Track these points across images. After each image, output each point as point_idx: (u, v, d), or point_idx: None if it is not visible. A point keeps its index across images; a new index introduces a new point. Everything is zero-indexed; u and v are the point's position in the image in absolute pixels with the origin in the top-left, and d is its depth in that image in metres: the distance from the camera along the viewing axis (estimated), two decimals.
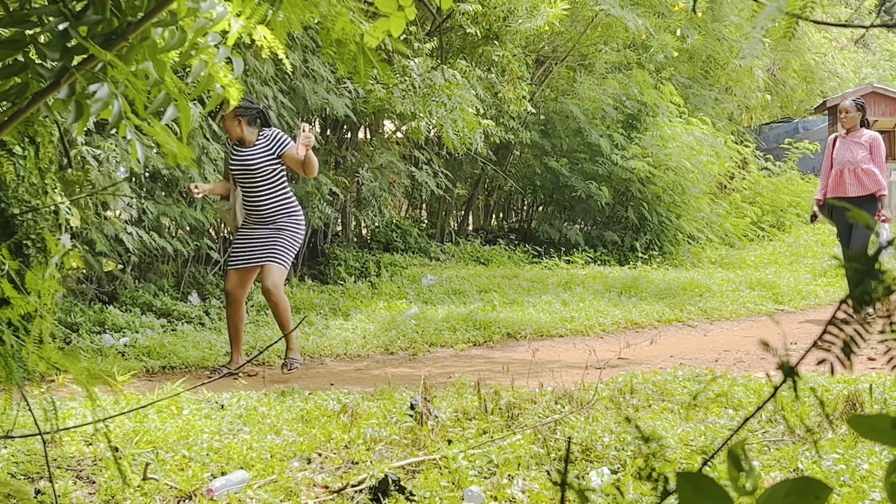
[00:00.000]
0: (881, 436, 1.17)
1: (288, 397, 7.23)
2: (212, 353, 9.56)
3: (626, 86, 19.17)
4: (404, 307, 12.28)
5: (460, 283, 14.16)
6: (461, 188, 18.97)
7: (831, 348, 1.18)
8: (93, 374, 3.25)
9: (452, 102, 14.22)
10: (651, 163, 18.06)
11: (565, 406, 6.70)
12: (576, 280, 14.74)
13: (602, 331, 11.62)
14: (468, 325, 11.20)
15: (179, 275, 12.20)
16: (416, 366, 9.42)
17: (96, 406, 3.77)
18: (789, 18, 2.14)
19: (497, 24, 16.21)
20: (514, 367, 8.75)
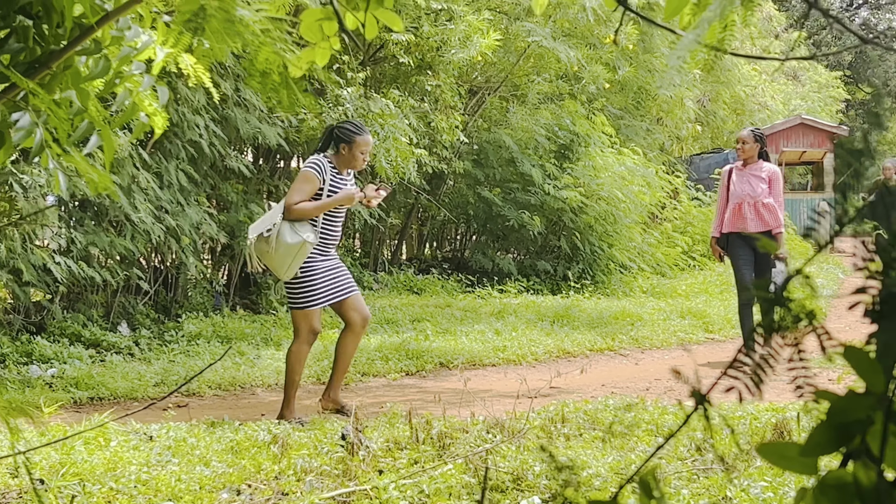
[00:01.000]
0: (789, 463, 1.18)
1: (217, 428, 7.17)
2: (141, 384, 9.45)
3: (559, 116, 19.30)
4: (336, 336, 12.21)
5: (393, 312, 14.13)
6: (394, 217, 18.98)
7: (739, 377, 1.20)
8: (14, 407, 3.20)
9: (385, 132, 14.24)
10: (583, 192, 18.18)
11: (497, 435, 6.70)
12: (508, 309, 14.77)
13: (534, 360, 11.65)
14: (401, 354, 11.18)
15: (109, 305, 12.07)
16: (348, 395, 9.38)
17: (20, 438, 3.72)
18: (709, 51, 2.17)
19: (430, 55, 16.27)
20: (447, 397, 8.74)
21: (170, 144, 12.08)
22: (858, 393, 1.11)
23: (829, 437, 1.13)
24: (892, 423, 1.09)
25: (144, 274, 12.59)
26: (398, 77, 17.00)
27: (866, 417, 1.11)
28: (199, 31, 2.38)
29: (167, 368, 10.14)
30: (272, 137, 13.17)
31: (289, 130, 13.94)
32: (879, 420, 1.09)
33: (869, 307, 1.14)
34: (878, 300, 1.13)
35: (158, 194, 11.65)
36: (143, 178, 11.29)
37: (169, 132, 11.95)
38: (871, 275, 1.14)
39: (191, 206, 12.37)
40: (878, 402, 1.10)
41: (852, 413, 1.11)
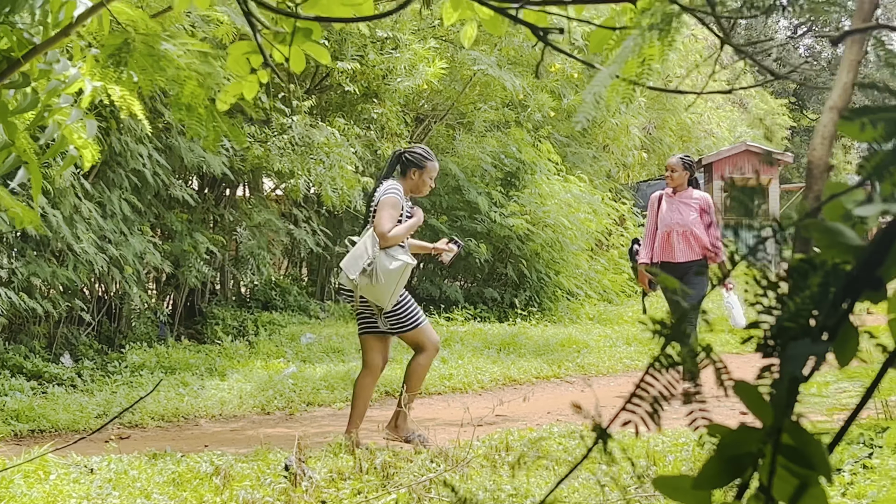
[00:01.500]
0: (683, 496, 1.19)
1: (159, 460, 7.11)
2: (83, 416, 9.35)
3: (505, 144, 19.37)
4: (282, 366, 12.17)
5: (340, 341, 14.09)
6: (341, 246, 18.94)
7: (637, 410, 1.21)
8: None
9: (331, 160, 14.25)
10: (530, 220, 18.24)
11: (441, 464, 6.70)
12: (455, 337, 14.76)
13: (480, 388, 11.65)
14: (346, 383, 11.14)
15: (51, 336, 11.95)
16: (292, 425, 9.34)
17: None
18: (627, 84, 2.20)
19: (376, 83, 16.30)
20: None
21: (112, 174, 12.00)
22: (749, 426, 1.13)
23: (720, 470, 1.15)
24: (780, 455, 1.11)
25: (87, 304, 12.48)
26: (344, 105, 17.01)
27: (757, 450, 1.13)
28: (122, 65, 2.38)
29: (110, 400, 10.04)
30: (217, 166, 13.13)
31: (234, 159, 13.91)
32: (770, 453, 1.11)
33: (761, 341, 1.16)
34: (770, 335, 1.16)
35: (101, 224, 11.56)
36: (85, 207, 11.20)
37: (112, 161, 11.89)
38: (764, 309, 1.16)
39: (134, 235, 12.29)
40: (767, 435, 1.12)
41: (743, 446, 1.13)
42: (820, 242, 1.15)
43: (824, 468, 1.10)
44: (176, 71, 2.53)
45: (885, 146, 1.14)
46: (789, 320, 1.14)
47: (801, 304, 1.14)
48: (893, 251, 1.12)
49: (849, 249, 1.14)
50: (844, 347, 1.16)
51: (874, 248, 1.12)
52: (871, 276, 1.13)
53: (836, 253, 1.14)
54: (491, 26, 3.08)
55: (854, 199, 1.17)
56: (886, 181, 1.16)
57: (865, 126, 1.16)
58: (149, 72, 2.46)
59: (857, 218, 1.16)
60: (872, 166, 1.14)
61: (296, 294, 16.79)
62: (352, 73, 15.53)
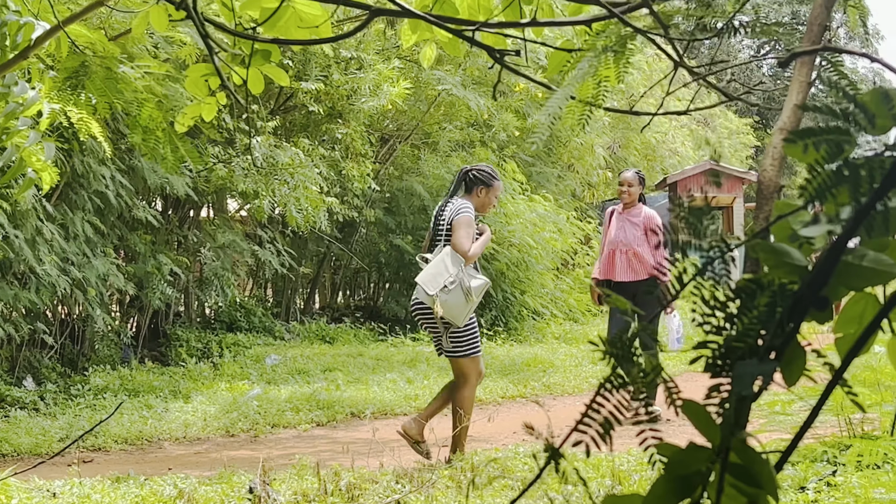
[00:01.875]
0: None
1: (122, 483, 7.07)
2: (45, 440, 9.28)
3: (470, 163, 19.39)
4: (247, 388, 12.12)
5: (305, 362, 14.06)
6: (306, 266, 18.92)
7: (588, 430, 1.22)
8: None
9: (296, 181, 14.23)
10: (495, 240, 18.27)
11: (406, 485, 6.69)
12: (421, 357, 14.75)
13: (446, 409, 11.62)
14: (311, 405, 11.11)
15: (14, 359, 11.85)
16: (257, 448, 9.30)
17: None
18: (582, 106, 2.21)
19: (340, 103, 16.30)
20: (357, 447, 8.71)
21: (75, 195, 11.94)
22: (697, 445, 1.14)
23: (669, 490, 1.15)
24: (728, 474, 1.12)
25: (50, 327, 12.39)
26: (308, 125, 17.00)
27: (706, 469, 1.13)
28: (80, 88, 2.38)
29: (73, 423, 9.97)
30: (180, 187, 13.08)
31: (198, 180, 13.86)
32: (718, 472, 1.12)
33: (709, 361, 1.17)
34: (718, 354, 1.17)
35: (64, 246, 11.49)
36: (47, 229, 11.13)
37: (74, 183, 11.83)
38: (711, 329, 1.18)
39: (97, 257, 12.22)
40: (715, 454, 1.13)
41: (691, 465, 1.14)
42: (767, 262, 1.16)
43: (770, 486, 1.11)
44: (134, 93, 2.52)
45: (828, 167, 1.16)
46: (737, 340, 1.15)
47: (748, 324, 1.15)
48: (838, 272, 1.14)
49: (795, 270, 1.15)
50: (791, 367, 1.17)
51: (819, 268, 1.13)
52: (817, 297, 1.14)
53: (782, 273, 1.15)
54: (449, 48, 3.10)
55: (801, 219, 1.19)
56: (829, 202, 1.17)
57: (808, 148, 1.18)
58: (106, 94, 2.46)
59: (804, 238, 1.17)
60: (814, 188, 1.16)
61: (260, 315, 16.74)
62: (316, 93, 15.53)
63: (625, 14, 2.04)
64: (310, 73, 15.36)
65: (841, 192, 1.16)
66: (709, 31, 1.91)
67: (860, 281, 1.15)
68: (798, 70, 1.51)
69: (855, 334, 1.20)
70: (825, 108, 1.18)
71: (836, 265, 1.12)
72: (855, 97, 1.17)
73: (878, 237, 1.16)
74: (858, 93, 1.17)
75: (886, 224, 1.16)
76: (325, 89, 15.67)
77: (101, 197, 12.24)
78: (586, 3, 2.27)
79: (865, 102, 1.17)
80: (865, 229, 1.16)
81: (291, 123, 17.12)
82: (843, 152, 1.17)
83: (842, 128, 1.17)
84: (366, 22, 2.42)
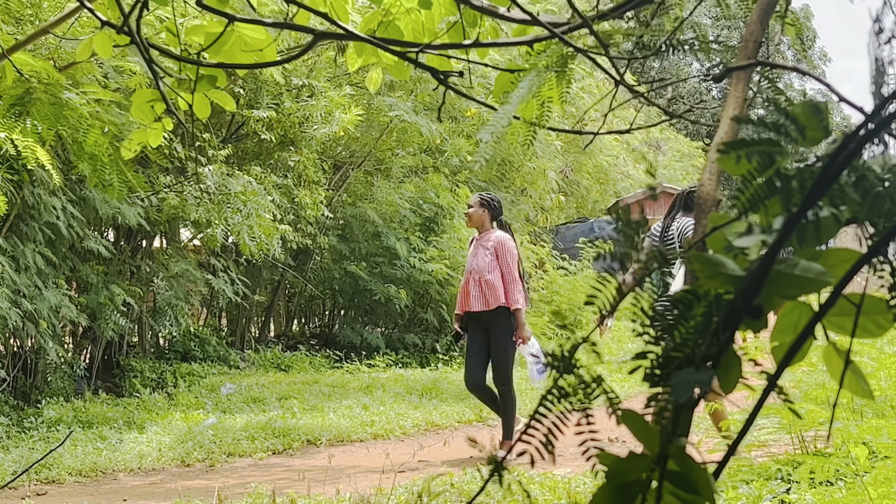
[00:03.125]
0: None
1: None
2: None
3: (423, 189, 19.46)
4: (202, 417, 12.05)
5: (260, 390, 14.00)
6: (261, 294, 18.85)
7: (532, 441, 1.23)
8: None
9: (248, 209, 14.19)
10: (449, 265, 18.31)
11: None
12: (377, 384, 14.73)
13: (403, 434, 11.62)
14: (267, 433, 11.05)
15: None
16: (213, 477, 9.24)
17: None
18: (527, 126, 2.23)
19: (293, 130, 16.30)
20: (313, 475, 8.68)
21: (26, 227, 11.85)
22: (636, 454, 1.16)
23: (610, 499, 1.17)
24: (667, 482, 1.13)
25: (2, 360, 12.27)
26: (261, 153, 16.97)
27: (645, 478, 1.15)
28: (24, 115, 2.37)
29: (26, 456, 9.86)
30: (132, 217, 13.01)
31: (150, 209, 13.79)
32: (657, 480, 1.13)
33: (647, 372, 1.19)
34: (656, 364, 1.18)
35: (14, 278, 11.39)
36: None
37: (24, 214, 11.75)
38: (650, 340, 1.19)
39: (49, 289, 12.12)
40: (654, 462, 1.14)
41: (631, 474, 1.15)
42: (702, 273, 1.18)
43: (708, 493, 1.13)
44: (79, 119, 2.52)
45: (759, 179, 1.18)
46: (675, 350, 1.17)
47: (685, 334, 1.17)
48: (771, 282, 1.16)
49: (729, 280, 1.17)
50: (728, 374, 1.19)
51: (752, 278, 1.15)
52: (750, 306, 1.16)
53: (717, 283, 1.17)
54: (395, 72, 3.12)
55: (735, 230, 1.21)
56: (761, 213, 1.19)
57: (741, 159, 1.20)
58: (52, 121, 2.45)
59: (738, 249, 1.19)
60: (747, 199, 1.18)
61: (215, 344, 16.66)
62: (268, 121, 15.52)
63: (565, 34, 2.07)
64: (261, 101, 15.36)
65: (773, 203, 1.19)
66: (648, 50, 1.94)
67: (792, 289, 1.17)
68: (734, 86, 1.54)
69: (791, 343, 1.22)
70: (758, 121, 1.21)
71: (768, 274, 1.15)
72: (786, 110, 1.19)
73: (810, 246, 1.19)
74: (790, 105, 1.19)
75: (818, 233, 1.18)
76: (276, 117, 15.66)
77: (52, 228, 12.15)
78: (528, 24, 2.30)
79: (796, 115, 1.20)
80: (797, 239, 1.18)
81: (243, 151, 17.09)
82: (775, 163, 1.19)
83: (773, 139, 1.20)
84: (310, 44, 2.43)
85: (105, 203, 12.63)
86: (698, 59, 52.51)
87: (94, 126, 2.58)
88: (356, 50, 3.03)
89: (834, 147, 1.15)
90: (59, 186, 11.79)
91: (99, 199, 12.58)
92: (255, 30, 2.52)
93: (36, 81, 2.55)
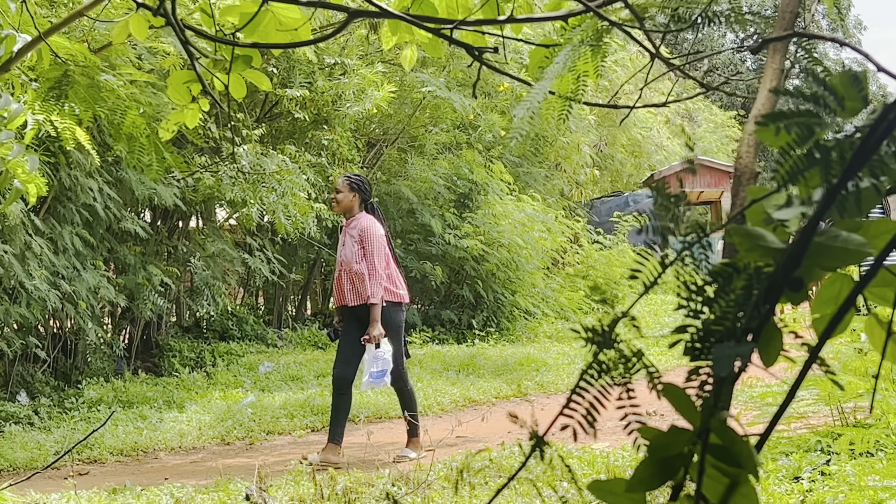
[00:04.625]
0: (617, 499, 1.22)
1: (119, 495, 7.08)
2: (40, 454, 9.28)
3: (457, 165, 19.43)
4: (241, 396, 12.12)
5: (298, 368, 14.06)
6: (297, 273, 18.90)
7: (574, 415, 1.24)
8: None
9: (283, 188, 14.22)
10: (484, 241, 18.31)
11: (402, 488, 6.70)
12: (414, 360, 14.74)
13: (440, 410, 11.65)
14: (306, 411, 11.11)
15: (7, 374, 11.83)
16: (253, 455, 9.31)
17: None
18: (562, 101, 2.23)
19: (326, 109, 16.30)
20: (352, 451, 8.71)
21: (63, 209, 11.93)
22: (678, 428, 1.16)
23: (652, 473, 1.17)
24: (709, 455, 1.13)
25: (42, 341, 12.37)
26: (295, 132, 16.99)
27: (687, 451, 1.15)
28: (63, 97, 2.39)
29: (67, 436, 9.97)
30: (168, 197, 13.07)
31: (186, 190, 13.85)
32: (699, 453, 1.13)
33: (688, 345, 1.19)
34: (696, 338, 1.18)
35: (53, 260, 11.48)
36: (36, 244, 11.12)
37: (62, 196, 11.83)
38: (691, 313, 1.19)
39: (87, 270, 12.21)
40: (696, 436, 1.14)
41: (673, 448, 1.15)
42: (741, 246, 1.18)
43: (751, 465, 1.13)
44: (116, 101, 2.54)
45: (799, 151, 1.18)
46: (715, 323, 1.17)
47: (725, 307, 1.17)
48: (811, 253, 1.16)
49: (769, 252, 1.17)
50: (768, 347, 1.18)
51: (792, 250, 1.15)
52: (791, 278, 1.16)
53: (757, 256, 1.17)
54: (430, 49, 3.11)
55: (775, 203, 1.20)
56: (801, 185, 1.19)
57: (780, 131, 1.19)
58: (90, 103, 2.47)
59: (778, 221, 1.19)
60: (786, 171, 1.17)
61: (252, 323, 16.73)
62: (301, 100, 15.52)
63: (600, 8, 2.06)
64: (294, 80, 15.36)
65: (812, 175, 1.18)
66: (683, 22, 1.93)
67: (833, 261, 1.17)
68: (771, 57, 1.53)
69: (832, 314, 1.21)
70: (796, 92, 1.20)
71: (808, 246, 1.14)
72: (825, 80, 1.19)
73: (851, 217, 1.18)
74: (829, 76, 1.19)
75: (858, 205, 1.18)
76: (309, 96, 15.66)
77: (89, 210, 12.23)
78: None
79: (835, 86, 1.19)
80: (838, 210, 1.18)
81: (277, 131, 17.12)
82: (814, 135, 1.19)
83: (812, 111, 1.19)
84: (345, 23, 2.44)
85: (141, 184, 12.69)
86: (733, 31, 52.15)
87: (131, 107, 2.59)
88: (390, 28, 3.03)
89: (874, 117, 1.14)
90: (96, 168, 11.87)
91: (135, 181, 12.64)
92: (290, 9, 2.53)
93: (73, 64, 2.57)
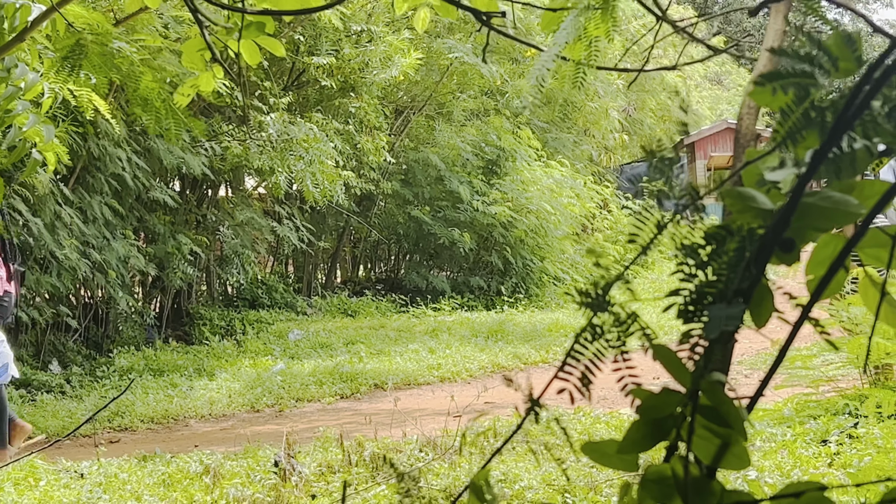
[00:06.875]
0: (610, 460, 1.22)
1: (149, 462, 7.13)
2: (72, 422, 9.36)
3: (485, 132, 19.38)
4: (270, 364, 12.19)
5: (327, 336, 14.12)
6: (326, 241, 18.94)
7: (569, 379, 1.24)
8: None
9: (311, 156, 14.23)
10: (512, 207, 18.27)
11: (429, 454, 6.73)
12: (443, 327, 14.79)
13: (469, 376, 11.67)
14: (335, 378, 11.17)
15: (39, 343, 11.94)
16: (282, 422, 9.36)
17: None
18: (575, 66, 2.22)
19: (353, 77, 16.28)
20: (380, 418, 8.75)
21: (92, 179, 11.99)
22: (670, 389, 1.16)
23: (644, 434, 1.17)
24: (700, 416, 1.14)
25: (73, 311, 12.47)
26: (322, 100, 16.99)
27: (679, 413, 1.15)
28: (77, 66, 2.40)
29: (99, 404, 10.05)
30: (196, 167, 13.12)
31: (214, 159, 13.88)
32: (689, 414, 1.14)
33: (681, 308, 1.19)
34: (689, 300, 1.18)
35: (83, 229, 11.55)
36: (66, 214, 11.19)
37: (90, 166, 11.89)
38: (684, 277, 1.19)
39: (117, 239, 12.29)
40: (687, 397, 1.14)
41: (664, 409, 1.16)
42: (733, 208, 1.18)
43: (740, 427, 1.13)
44: (130, 67, 2.55)
45: (797, 111, 1.17)
46: (708, 286, 1.17)
47: (718, 270, 1.17)
48: (805, 214, 1.15)
49: (760, 213, 1.16)
50: (760, 308, 1.18)
51: (783, 211, 1.15)
52: (782, 239, 1.15)
53: (749, 217, 1.17)
54: (443, 11, 3.11)
55: (768, 164, 1.20)
56: (800, 145, 1.18)
57: (777, 91, 1.19)
58: (104, 70, 2.48)
59: (770, 182, 1.18)
60: (785, 131, 1.17)
61: (282, 291, 16.80)
62: (328, 67, 15.51)
63: None
64: (320, 48, 15.35)
65: (809, 135, 1.18)
66: None
67: (826, 222, 1.16)
68: (773, 18, 1.52)
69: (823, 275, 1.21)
70: (792, 53, 1.19)
71: (797, 207, 1.14)
72: (819, 41, 1.18)
73: (847, 178, 1.18)
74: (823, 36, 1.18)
75: (853, 165, 1.17)
76: (336, 63, 15.65)
77: (118, 179, 12.29)
78: None
79: (829, 46, 1.19)
80: (834, 171, 1.17)
81: (304, 99, 17.12)
82: (810, 96, 1.18)
83: (807, 71, 1.18)
84: None
85: (169, 153, 12.73)
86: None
87: (144, 72, 2.61)
88: None
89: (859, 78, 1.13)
90: (124, 138, 11.91)
91: (163, 150, 12.68)
92: None
93: (87, 33, 2.58)
